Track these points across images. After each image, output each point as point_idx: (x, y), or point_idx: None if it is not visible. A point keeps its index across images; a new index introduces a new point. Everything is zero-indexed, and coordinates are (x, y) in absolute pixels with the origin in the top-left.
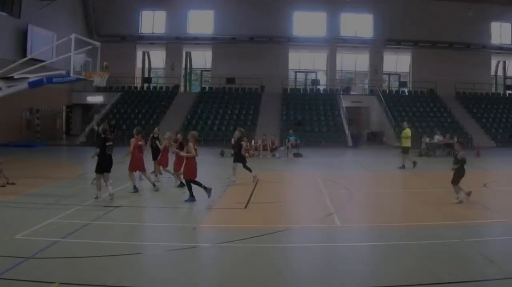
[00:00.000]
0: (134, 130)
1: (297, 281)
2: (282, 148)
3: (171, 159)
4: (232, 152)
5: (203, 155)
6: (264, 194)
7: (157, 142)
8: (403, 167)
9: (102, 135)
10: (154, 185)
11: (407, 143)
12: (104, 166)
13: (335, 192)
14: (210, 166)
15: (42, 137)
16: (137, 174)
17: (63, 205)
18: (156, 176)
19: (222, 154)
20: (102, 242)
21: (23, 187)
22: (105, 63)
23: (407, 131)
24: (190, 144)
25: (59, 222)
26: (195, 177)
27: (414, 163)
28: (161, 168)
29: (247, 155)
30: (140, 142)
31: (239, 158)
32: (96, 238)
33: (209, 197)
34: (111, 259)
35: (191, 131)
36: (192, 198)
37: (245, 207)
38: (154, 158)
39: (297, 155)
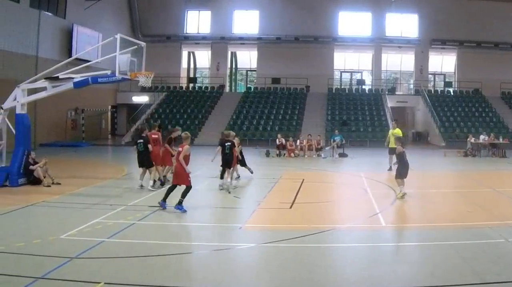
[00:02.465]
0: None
1: (342, 281)
2: (327, 148)
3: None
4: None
5: (248, 155)
6: (309, 194)
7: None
8: (391, 168)
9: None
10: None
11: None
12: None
13: (380, 192)
14: (256, 166)
15: (87, 137)
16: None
17: (108, 205)
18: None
19: (267, 154)
20: (147, 242)
21: (68, 187)
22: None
23: (398, 132)
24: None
25: (104, 222)
26: None
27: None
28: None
29: (292, 155)
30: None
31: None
32: (141, 238)
33: None
34: (157, 259)
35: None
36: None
37: (291, 207)
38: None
39: (342, 155)
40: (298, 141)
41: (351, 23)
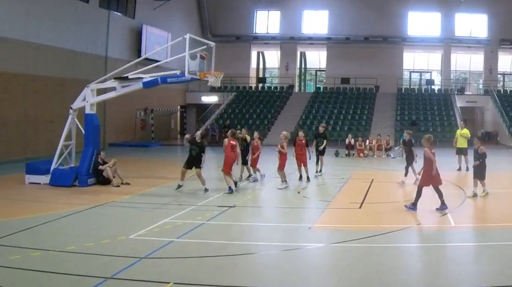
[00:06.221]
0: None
1: (411, 281)
2: (396, 148)
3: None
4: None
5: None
6: (379, 194)
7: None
8: (461, 168)
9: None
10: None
11: (466, 143)
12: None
13: (449, 191)
14: (325, 166)
15: (157, 138)
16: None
17: (177, 205)
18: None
19: (336, 154)
20: (217, 242)
21: (137, 187)
22: (203, 52)
23: (466, 132)
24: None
25: (173, 222)
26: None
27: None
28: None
29: (361, 155)
30: (232, 142)
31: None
32: (210, 238)
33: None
34: (226, 259)
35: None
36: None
37: (360, 207)
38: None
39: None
40: (367, 141)
41: (420, 23)
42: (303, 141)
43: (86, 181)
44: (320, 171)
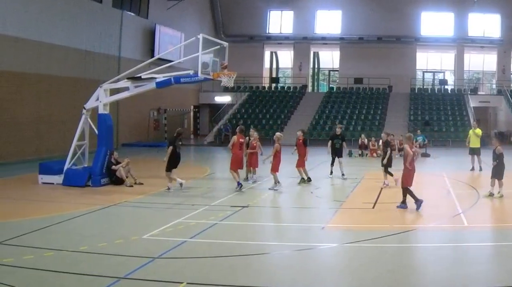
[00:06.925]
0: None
1: (424, 281)
2: None
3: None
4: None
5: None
6: (392, 194)
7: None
8: (474, 168)
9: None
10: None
11: (479, 143)
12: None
13: (462, 192)
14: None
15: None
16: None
17: (190, 205)
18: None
19: (350, 154)
20: (230, 242)
21: (150, 186)
22: (224, 64)
23: (479, 132)
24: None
25: (186, 222)
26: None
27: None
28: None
29: (374, 155)
30: (241, 140)
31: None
32: (223, 238)
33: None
34: (239, 259)
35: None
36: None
37: (373, 207)
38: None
39: (424, 155)
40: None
41: (434, 23)
42: (301, 140)
43: (99, 181)
44: (342, 173)
